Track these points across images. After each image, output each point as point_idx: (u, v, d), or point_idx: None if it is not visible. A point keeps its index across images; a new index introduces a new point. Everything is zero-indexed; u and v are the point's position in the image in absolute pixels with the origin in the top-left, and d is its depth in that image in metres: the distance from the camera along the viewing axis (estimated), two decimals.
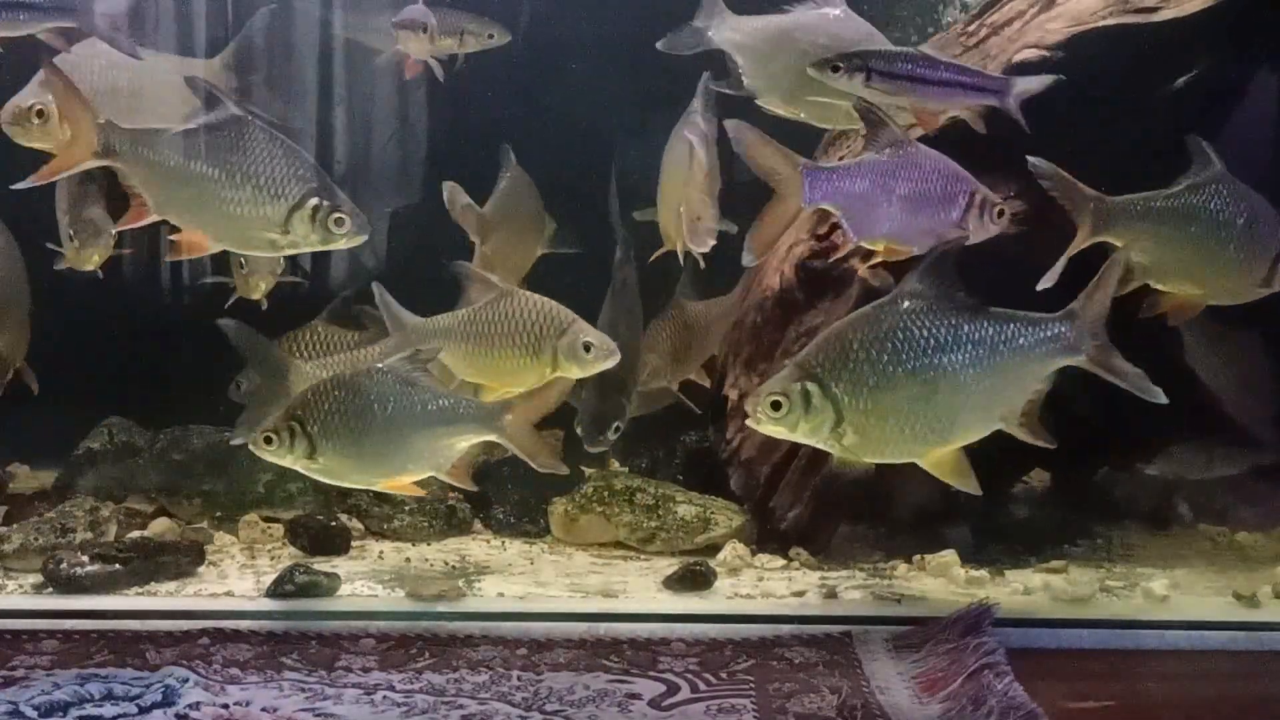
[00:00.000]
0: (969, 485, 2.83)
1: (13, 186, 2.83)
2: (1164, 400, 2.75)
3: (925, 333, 2.74)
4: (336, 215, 2.80)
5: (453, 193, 3.43)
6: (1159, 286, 3.03)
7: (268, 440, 2.89)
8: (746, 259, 3.04)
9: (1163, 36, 3.21)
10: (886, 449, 2.82)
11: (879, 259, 3.08)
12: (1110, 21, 3.23)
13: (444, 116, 4.11)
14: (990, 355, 2.75)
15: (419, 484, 3.05)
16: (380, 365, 3.00)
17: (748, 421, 2.82)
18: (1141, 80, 3.29)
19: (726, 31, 3.21)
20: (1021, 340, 2.77)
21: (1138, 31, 3.22)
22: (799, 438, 2.81)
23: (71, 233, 3.30)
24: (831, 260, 3.34)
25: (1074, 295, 2.81)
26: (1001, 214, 2.96)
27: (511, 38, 3.73)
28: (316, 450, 2.89)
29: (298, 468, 2.94)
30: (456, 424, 2.97)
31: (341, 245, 2.85)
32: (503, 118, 3.89)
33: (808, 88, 3.06)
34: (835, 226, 3.45)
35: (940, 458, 2.82)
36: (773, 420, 2.76)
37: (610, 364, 3.12)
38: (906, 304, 2.77)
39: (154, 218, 2.88)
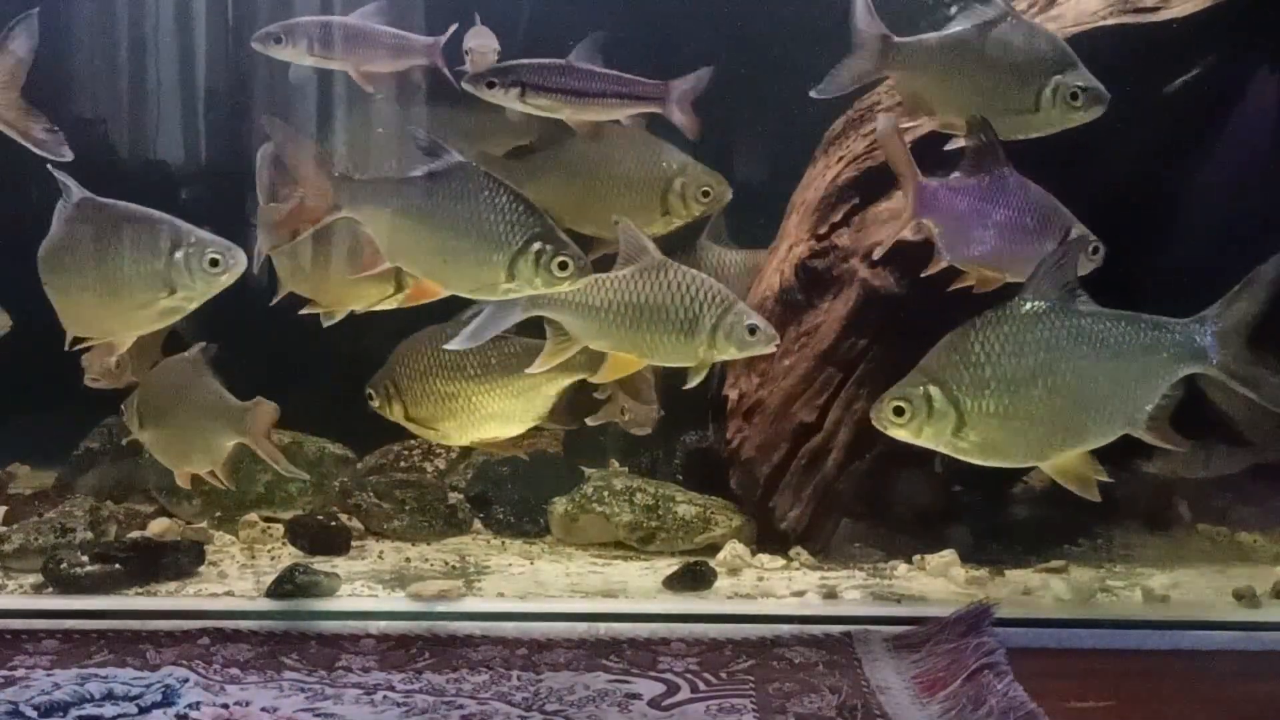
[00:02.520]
0: (1090, 493, 2.82)
1: (252, 269, 2.89)
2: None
3: (1047, 335, 2.72)
4: (560, 259, 2.81)
5: None
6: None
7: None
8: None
9: (1163, 36, 3.21)
10: (1009, 452, 2.80)
11: (965, 281, 3.03)
12: (1110, 21, 3.24)
13: None
14: (1113, 358, 2.73)
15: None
16: (187, 356, 3.13)
17: (875, 424, 2.81)
18: (1142, 80, 3.29)
19: (899, 59, 3.09)
20: (1145, 343, 2.75)
21: (1138, 31, 3.22)
22: (923, 442, 2.79)
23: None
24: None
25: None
26: (1096, 251, 2.95)
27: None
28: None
29: None
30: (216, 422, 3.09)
31: (565, 288, 2.86)
32: None
33: (997, 102, 3.01)
34: (835, 226, 3.46)
35: (1063, 463, 2.81)
36: (896, 425, 2.76)
37: (771, 349, 3.04)
38: (1028, 306, 2.74)
39: (387, 265, 2.94)
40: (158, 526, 3.56)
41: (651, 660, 2.70)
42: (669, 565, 3.26)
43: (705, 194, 3.39)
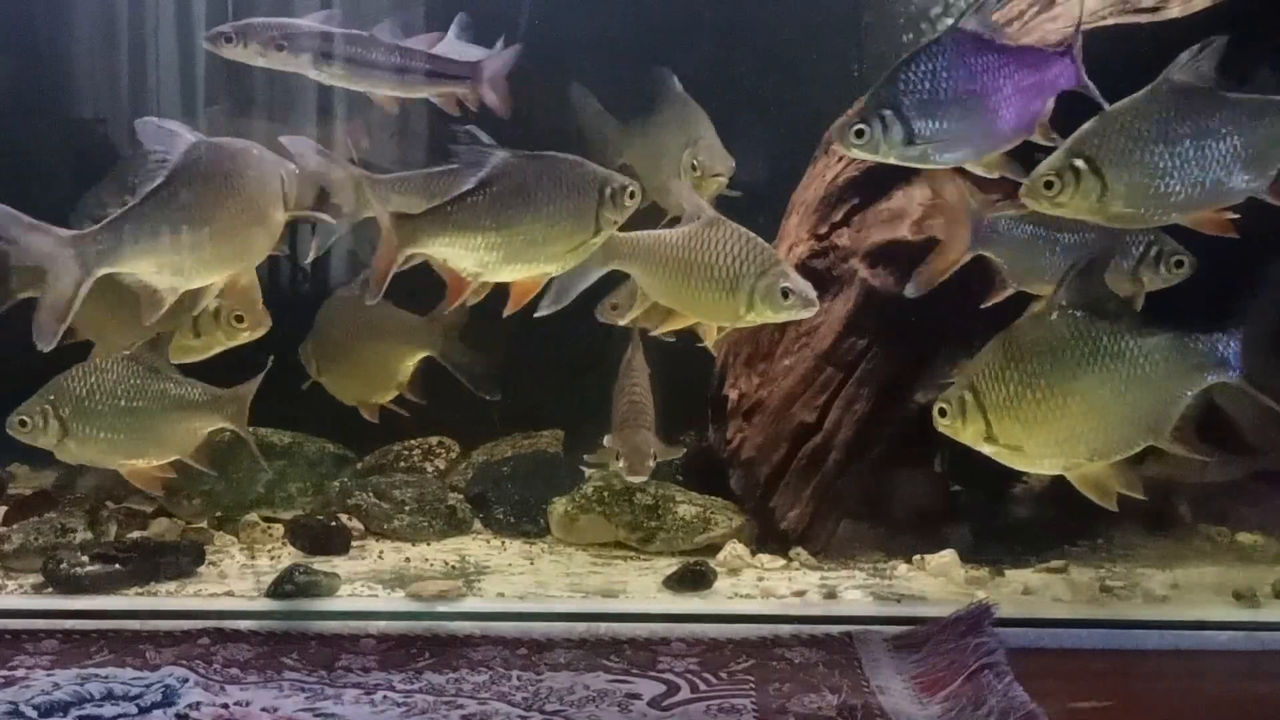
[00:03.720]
0: (1109, 502, 2.86)
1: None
2: None
3: (1072, 343, 2.74)
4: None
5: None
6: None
7: (22, 423, 3.11)
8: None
9: (1164, 36, 3.20)
10: (1037, 459, 2.83)
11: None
12: (1111, 21, 3.23)
13: None
14: (1136, 367, 2.74)
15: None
16: (126, 354, 3.12)
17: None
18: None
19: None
20: (1169, 354, 2.76)
21: (1138, 31, 3.22)
22: (964, 440, 2.83)
23: None
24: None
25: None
26: (1181, 264, 2.95)
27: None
28: (69, 433, 3.09)
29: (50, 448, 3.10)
30: (192, 410, 3.13)
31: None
32: None
33: None
34: (835, 226, 3.46)
35: (1087, 474, 2.83)
36: (944, 425, 2.82)
37: (808, 314, 3.03)
38: (1055, 314, 2.76)
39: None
40: (158, 526, 3.56)
41: (651, 660, 2.70)
42: (669, 565, 3.26)
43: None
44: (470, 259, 2.87)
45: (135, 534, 3.46)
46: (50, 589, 3.08)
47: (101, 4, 3.86)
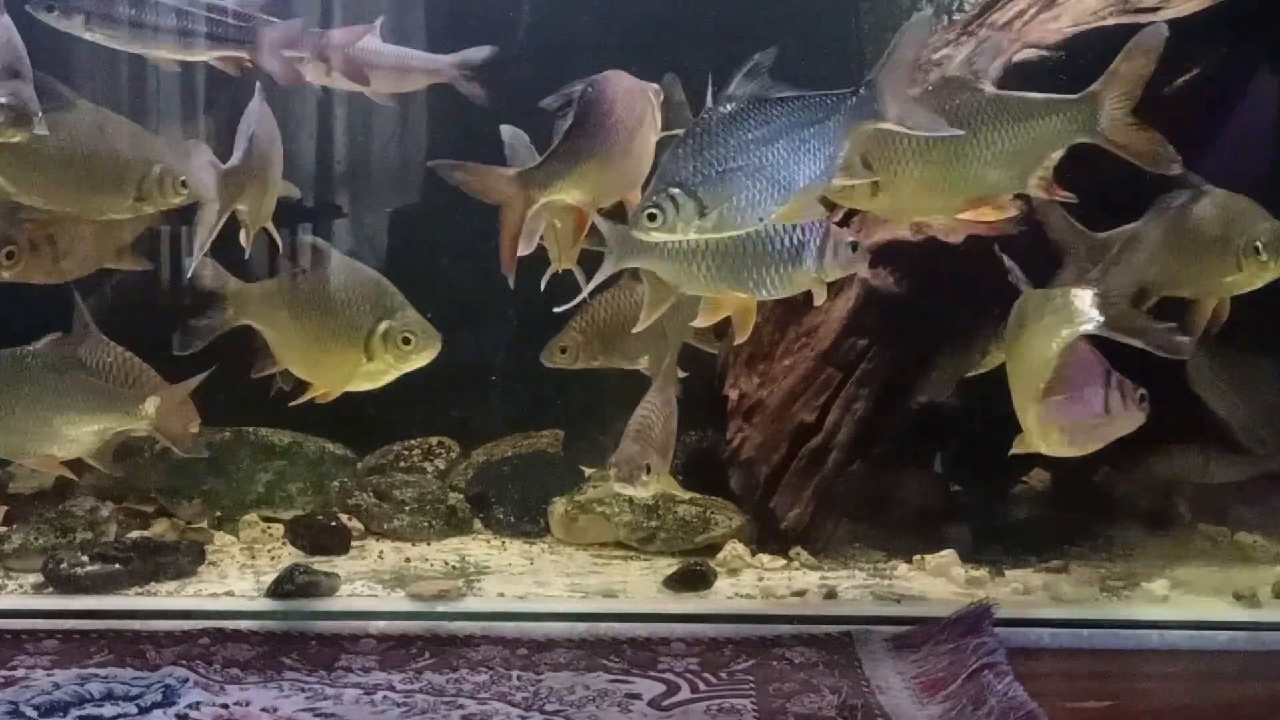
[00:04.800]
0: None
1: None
2: None
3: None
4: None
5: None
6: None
7: None
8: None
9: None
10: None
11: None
12: (1111, 21, 3.23)
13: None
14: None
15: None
16: (31, 349, 3.09)
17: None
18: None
19: None
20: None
21: (1138, 31, 3.21)
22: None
23: None
24: None
25: None
26: None
27: None
28: None
29: None
30: (98, 411, 3.10)
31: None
32: None
33: None
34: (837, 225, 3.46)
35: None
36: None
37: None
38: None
39: None
40: (158, 526, 3.56)
41: (651, 660, 2.70)
42: (669, 565, 3.26)
43: None
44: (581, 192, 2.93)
45: (135, 534, 3.46)
46: (50, 589, 3.08)
47: None
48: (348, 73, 3.30)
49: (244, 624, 2.87)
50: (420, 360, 3.07)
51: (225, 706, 2.44)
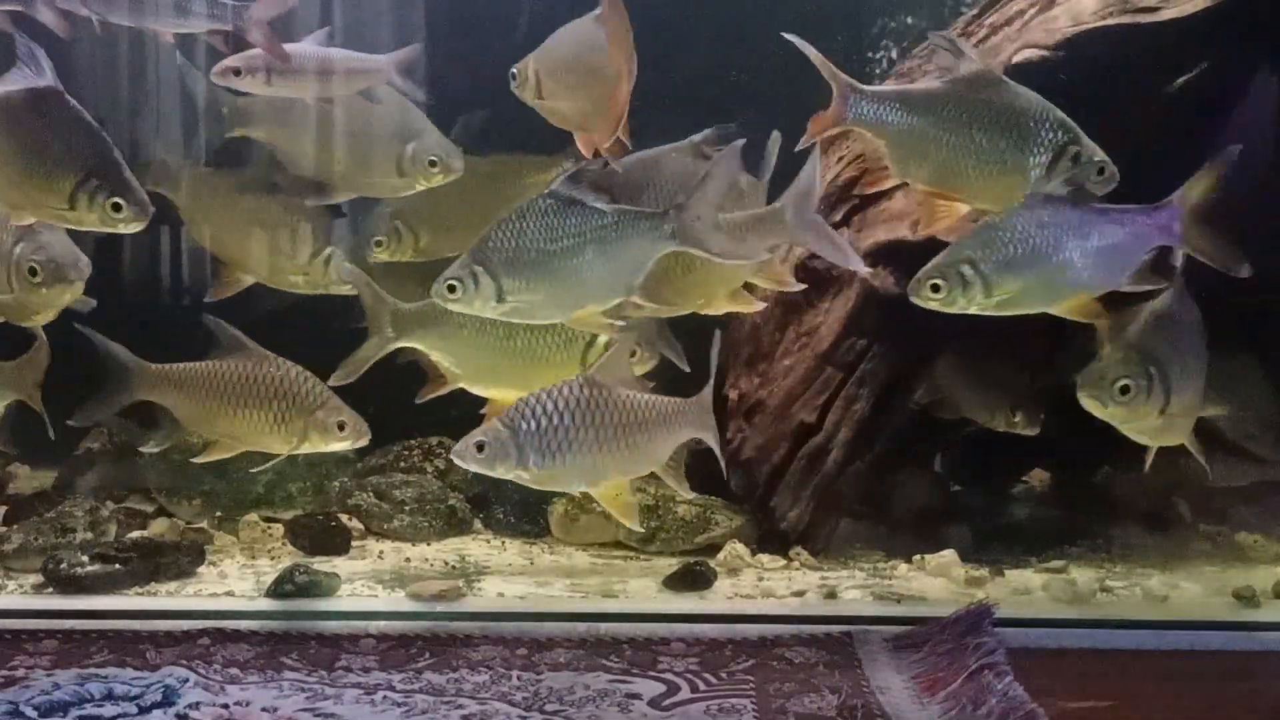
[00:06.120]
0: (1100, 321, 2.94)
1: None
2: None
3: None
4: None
5: None
6: (917, 186, 3.03)
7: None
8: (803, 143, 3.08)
9: (1163, 36, 3.21)
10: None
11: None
12: (1110, 21, 3.24)
13: None
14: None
15: None
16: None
17: (1084, 401, 2.90)
18: (1142, 80, 3.29)
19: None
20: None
21: (1138, 31, 3.22)
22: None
23: None
24: None
25: None
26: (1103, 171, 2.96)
27: None
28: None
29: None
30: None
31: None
32: None
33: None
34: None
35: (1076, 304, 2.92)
36: (1119, 404, 2.88)
37: (361, 444, 3.18)
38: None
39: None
40: (158, 526, 3.56)
41: (651, 660, 2.70)
42: (669, 565, 3.26)
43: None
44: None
45: (135, 534, 3.46)
46: (50, 589, 3.08)
47: None
48: (261, 45, 3.30)
49: (244, 624, 2.86)
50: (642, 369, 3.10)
51: (225, 706, 2.44)
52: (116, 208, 2.87)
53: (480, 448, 2.79)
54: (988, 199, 2.94)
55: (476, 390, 3.18)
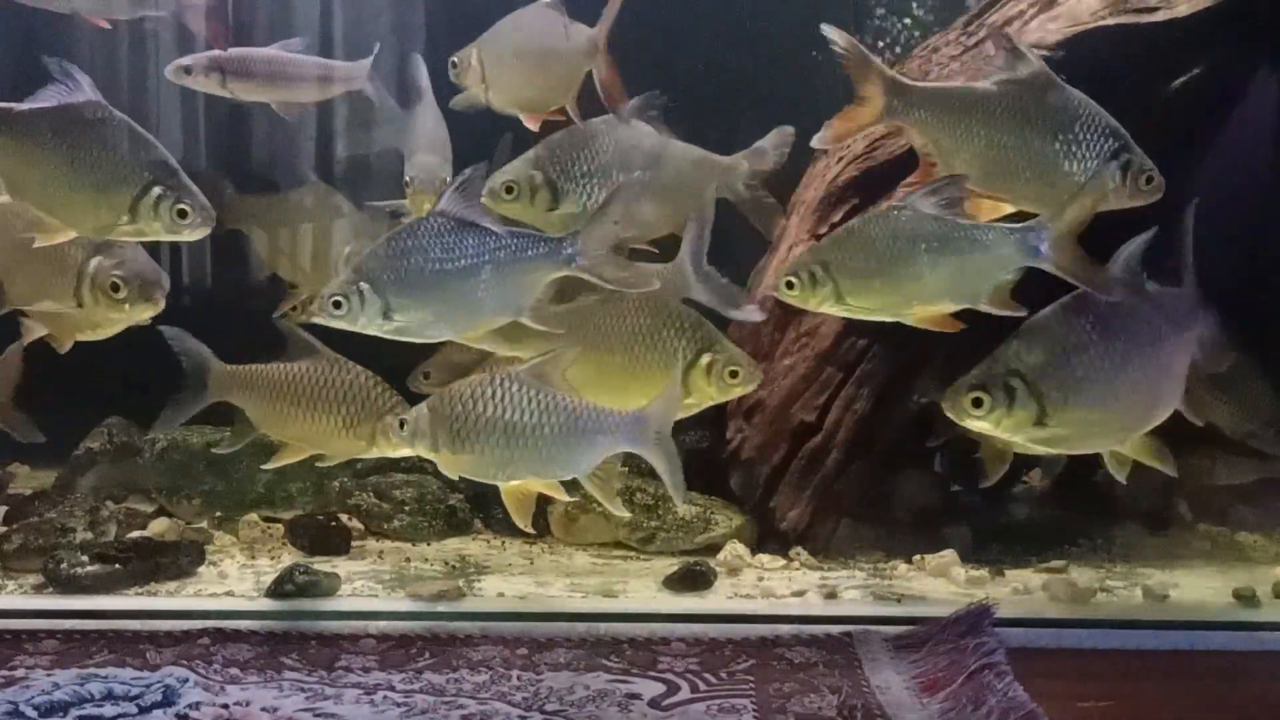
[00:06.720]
0: (1168, 465, 2.93)
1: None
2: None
3: (1126, 321, 2.82)
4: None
5: None
6: (971, 187, 2.97)
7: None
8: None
9: (1163, 36, 3.21)
10: (1087, 440, 2.89)
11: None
12: (1110, 21, 3.24)
13: None
14: (1170, 339, 2.88)
15: None
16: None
17: (948, 413, 2.85)
18: (1142, 80, 3.29)
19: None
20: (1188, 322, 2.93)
21: (1138, 31, 3.22)
22: (1000, 432, 2.84)
23: None
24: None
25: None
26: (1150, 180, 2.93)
27: None
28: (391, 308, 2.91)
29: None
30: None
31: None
32: None
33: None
34: (835, 226, 3.45)
35: (1136, 444, 2.90)
36: (974, 417, 2.82)
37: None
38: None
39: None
40: (158, 526, 3.56)
41: (651, 660, 2.70)
42: (669, 565, 3.26)
43: None
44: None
45: (135, 534, 3.46)
46: (50, 589, 3.08)
47: None
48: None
49: (244, 624, 2.87)
50: (740, 391, 3.11)
51: (225, 706, 2.44)
52: (182, 214, 2.88)
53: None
54: (1035, 202, 2.91)
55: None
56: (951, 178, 2.90)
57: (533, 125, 3.17)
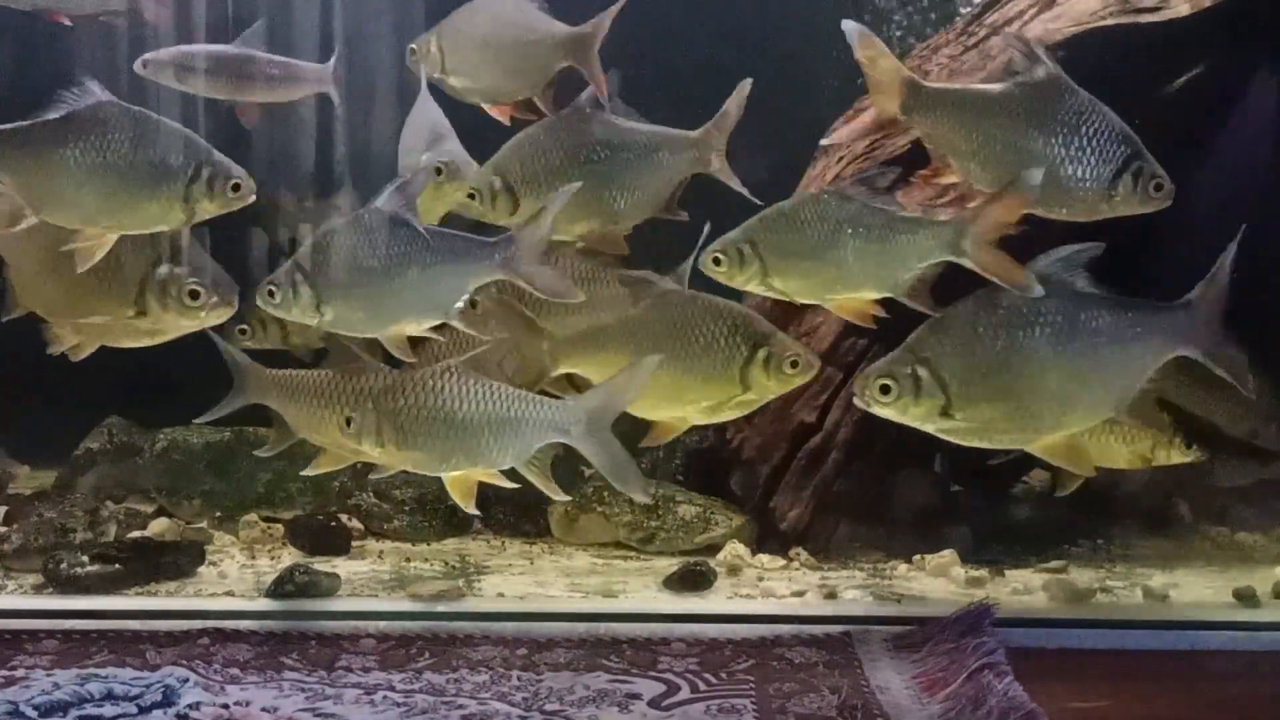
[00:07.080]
0: (1085, 469, 2.88)
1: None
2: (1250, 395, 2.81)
3: (1039, 318, 2.74)
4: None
5: None
6: (979, 186, 2.95)
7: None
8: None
9: (1163, 36, 3.21)
10: (995, 434, 2.83)
11: None
12: (1110, 21, 3.24)
13: None
14: (1103, 342, 2.76)
15: None
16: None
17: (856, 402, 2.84)
18: (1142, 80, 3.29)
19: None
20: (1136, 329, 2.77)
21: (1138, 31, 3.22)
22: (909, 421, 2.81)
23: None
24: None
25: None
26: (1160, 187, 2.89)
27: None
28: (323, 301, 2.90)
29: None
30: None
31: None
32: None
33: None
34: None
35: (1051, 444, 2.84)
36: (881, 404, 2.78)
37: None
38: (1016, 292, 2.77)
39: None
40: (158, 526, 3.56)
41: (651, 660, 2.70)
42: (669, 565, 3.26)
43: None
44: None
45: (135, 534, 3.46)
46: (50, 589, 3.08)
47: None
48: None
49: (244, 624, 2.87)
50: (800, 380, 3.04)
51: (225, 706, 2.44)
52: (236, 188, 2.90)
53: (349, 422, 2.86)
54: (1046, 206, 2.88)
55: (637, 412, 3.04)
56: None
57: (501, 117, 3.15)
